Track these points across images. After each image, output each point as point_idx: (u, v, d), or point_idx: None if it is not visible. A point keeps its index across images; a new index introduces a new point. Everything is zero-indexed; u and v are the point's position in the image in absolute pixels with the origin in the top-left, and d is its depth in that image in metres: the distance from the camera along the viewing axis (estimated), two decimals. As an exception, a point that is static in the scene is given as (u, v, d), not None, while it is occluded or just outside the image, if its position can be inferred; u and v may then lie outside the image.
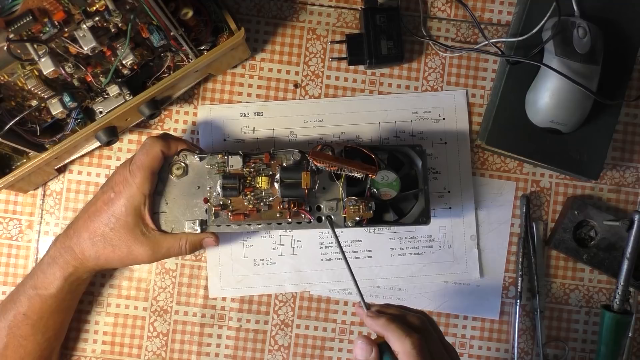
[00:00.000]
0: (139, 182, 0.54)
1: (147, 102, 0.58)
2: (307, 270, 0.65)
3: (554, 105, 0.60)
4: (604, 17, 0.63)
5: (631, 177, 0.67)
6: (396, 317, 0.48)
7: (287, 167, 0.56)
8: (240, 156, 0.56)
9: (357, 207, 0.54)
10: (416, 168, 0.59)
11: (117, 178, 0.56)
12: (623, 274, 0.63)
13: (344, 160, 0.55)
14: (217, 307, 0.65)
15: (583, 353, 0.66)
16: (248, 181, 0.56)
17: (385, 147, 0.59)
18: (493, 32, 0.66)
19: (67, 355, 0.64)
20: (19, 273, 0.64)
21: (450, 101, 0.66)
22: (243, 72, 0.65)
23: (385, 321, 0.47)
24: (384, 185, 0.56)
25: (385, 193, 0.56)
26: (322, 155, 0.54)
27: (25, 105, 0.55)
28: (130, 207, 0.54)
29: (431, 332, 0.48)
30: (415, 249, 0.65)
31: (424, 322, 0.48)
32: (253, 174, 0.56)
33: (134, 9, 0.51)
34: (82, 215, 0.57)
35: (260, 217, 0.56)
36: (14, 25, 0.45)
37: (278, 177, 0.55)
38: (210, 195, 0.56)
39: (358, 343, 0.48)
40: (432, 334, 0.48)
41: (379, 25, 0.63)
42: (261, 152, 0.56)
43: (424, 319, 0.49)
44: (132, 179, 0.54)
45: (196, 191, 0.56)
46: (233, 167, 0.56)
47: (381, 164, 0.57)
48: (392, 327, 0.47)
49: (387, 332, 0.47)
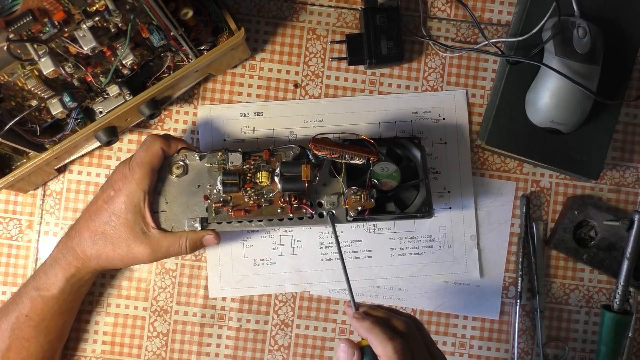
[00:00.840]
0: (138, 177, 0.54)
1: (147, 102, 0.58)
2: (307, 270, 0.65)
3: (554, 105, 0.60)
4: (604, 17, 0.63)
5: (631, 177, 0.67)
6: (381, 321, 0.48)
7: (287, 161, 0.56)
8: (240, 153, 0.56)
9: (358, 196, 0.54)
10: (415, 160, 0.59)
11: (117, 176, 0.56)
12: (623, 274, 0.63)
13: (345, 146, 0.55)
14: (217, 307, 0.65)
15: (583, 353, 0.66)
16: (248, 177, 0.56)
17: (383, 139, 0.60)
18: (493, 32, 0.66)
19: (68, 355, 0.64)
20: (19, 273, 0.64)
21: (450, 101, 0.66)
22: (243, 72, 0.65)
23: (370, 324, 0.47)
24: (384, 177, 0.56)
25: (386, 184, 0.56)
26: (322, 142, 0.54)
27: (25, 105, 0.55)
28: (130, 204, 0.54)
29: (416, 337, 0.48)
30: (415, 249, 0.65)
31: (409, 327, 0.48)
32: (253, 171, 0.56)
33: (134, 9, 0.51)
34: (83, 215, 0.57)
35: (261, 213, 0.56)
36: (14, 25, 0.45)
37: (278, 171, 0.55)
38: (210, 193, 0.56)
39: (341, 346, 0.48)
40: (416, 339, 0.47)
41: (379, 25, 0.63)
42: (261, 149, 0.56)
43: (410, 323, 0.49)
44: (132, 175, 0.54)
45: (196, 190, 0.56)
46: (233, 164, 0.56)
47: (381, 155, 0.57)
48: (375, 330, 0.46)
49: (370, 335, 0.46)
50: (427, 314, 0.65)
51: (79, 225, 0.57)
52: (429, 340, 0.50)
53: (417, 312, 0.65)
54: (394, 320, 0.48)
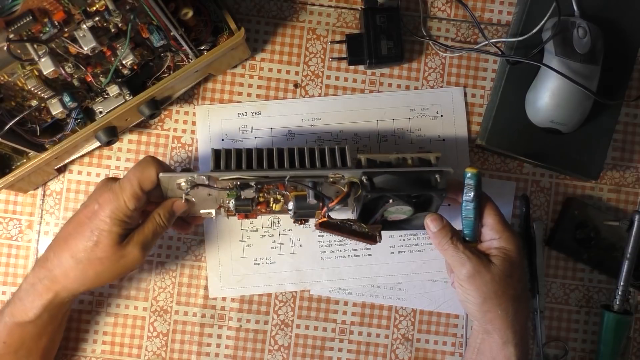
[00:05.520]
0: (127, 196, 0.51)
1: (147, 102, 0.58)
2: (307, 268, 0.65)
3: (554, 105, 0.60)
4: (604, 17, 0.63)
5: (631, 177, 0.67)
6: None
7: (301, 197, 0.55)
8: (254, 188, 0.54)
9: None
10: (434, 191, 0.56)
11: (102, 190, 0.53)
12: (623, 274, 0.63)
13: (348, 233, 0.55)
14: (217, 307, 0.65)
15: (583, 353, 0.66)
16: (261, 199, 0.56)
17: (407, 171, 0.55)
18: (493, 32, 0.66)
19: (67, 355, 0.64)
20: (19, 273, 0.64)
21: (448, 98, 0.66)
22: (243, 72, 0.65)
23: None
24: (395, 213, 0.57)
25: (396, 217, 0.57)
26: (328, 228, 0.55)
27: (25, 105, 0.55)
28: (116, 219, 0.52)
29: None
30: (415, 246, 0.65)
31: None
32: (267, 197, 0.56)
33: (134, 9, 0.51)
34: (61, 235, 0.54)
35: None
36: (14, 25, 0.45)
37: (292, 207, 0.55)
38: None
39: (428, 216, 0.56)
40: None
41: (379, 25, 0.63)
42: (275, 181, 0.54)
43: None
44: (121, 191, 0.52)
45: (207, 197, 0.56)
46: (245, 197, 0.54)
47: (394, 199, 0.55)
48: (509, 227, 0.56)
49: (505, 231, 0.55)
50: (427, 314, 0.65)
51: (56, 246, 0.53)
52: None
53: (417, 312, 0.65)
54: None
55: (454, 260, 0.55)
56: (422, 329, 0.65)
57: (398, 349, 0.65)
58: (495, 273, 0.53)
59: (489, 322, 0.55)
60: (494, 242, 0.55)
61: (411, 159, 0.56)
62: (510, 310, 0.54)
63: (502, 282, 0.53)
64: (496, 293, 0.53)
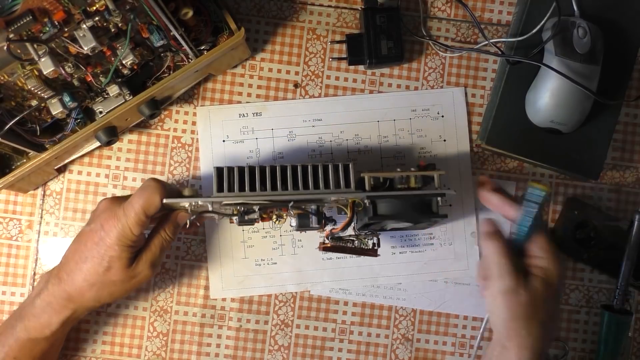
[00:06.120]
0: (132, 222, 0.52)
1: (147, 102, 0.58)
2: (308, 269, 0.65)
3: (554, 105, 0.60)
4: (604, 17, 0.63)
5: (631, 177, 0.67)
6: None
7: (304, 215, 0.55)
8: (257, 213, 0.55)
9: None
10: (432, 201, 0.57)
11: (106, 215, 0.53)
12: (623, 274, 0.63)
13: (350, 251, 0.57)
14: (217, 307, 0.65)
15: (583, 353, 0.66)
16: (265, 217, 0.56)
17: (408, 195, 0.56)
18: (493, 32, 0.66)
19: (67, 355, 0.64)
20: (19, 273, 0.64)
21: (449, 99, 0.66)
22: (243, 72, 0.65)
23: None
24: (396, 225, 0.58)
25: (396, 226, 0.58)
26: (331, 250, 0.57)
27: (25, 105, 0.55)
28: (123, 245, 0.53)
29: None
30: (416, 247, 0.65)
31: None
32: (270, 214, 0.57)
33: (134, 9, 0.51)
34: (71, 256, 0.55)
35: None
36: (14, 25, 0.45)
37: (294, 224, 0.56)
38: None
39: (483, 221, 0.56)
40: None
41: (379, 25, 0.63)
42: (278, 205, 0.55)
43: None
44: (125, 218, 0.52)
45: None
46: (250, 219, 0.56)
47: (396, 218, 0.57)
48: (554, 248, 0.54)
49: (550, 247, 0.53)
50: (427, 314, 0.65)
51: (69, 267, 0.54)
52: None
53: (417, 312, 0.65)
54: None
55: (494, 267, 0.52)
56: (422, 329, 0.65)
57: (398, 349, 0.65)
58: (532, 295, 0.51)
59: (509, 339, 0.52)
60: (538, 261, 0.53)
61: (414, 177, 0.57)
62: (534, 334, 0.51)
63: (536, 305, 0.51)
64: (526, 315, 0.51)
